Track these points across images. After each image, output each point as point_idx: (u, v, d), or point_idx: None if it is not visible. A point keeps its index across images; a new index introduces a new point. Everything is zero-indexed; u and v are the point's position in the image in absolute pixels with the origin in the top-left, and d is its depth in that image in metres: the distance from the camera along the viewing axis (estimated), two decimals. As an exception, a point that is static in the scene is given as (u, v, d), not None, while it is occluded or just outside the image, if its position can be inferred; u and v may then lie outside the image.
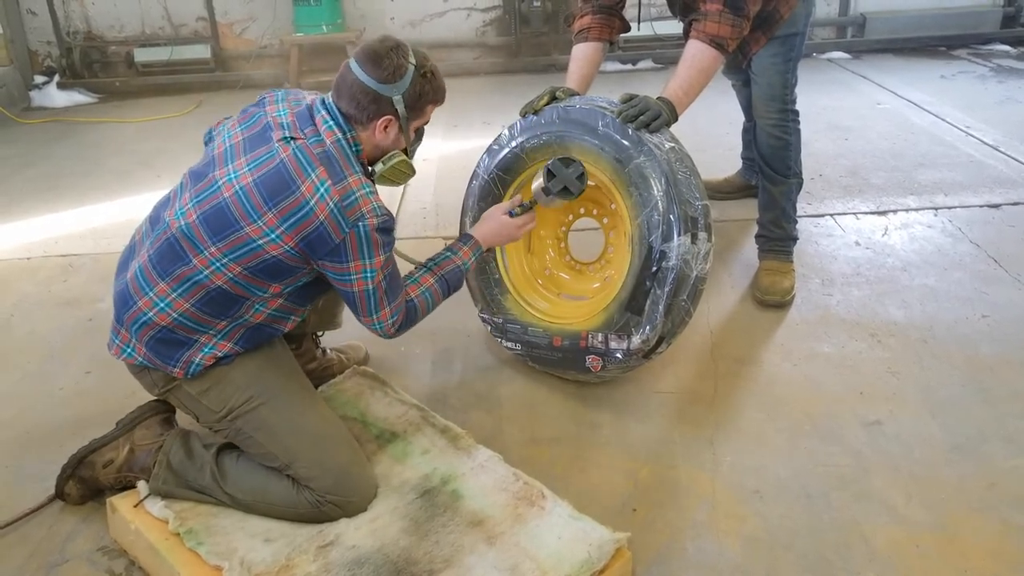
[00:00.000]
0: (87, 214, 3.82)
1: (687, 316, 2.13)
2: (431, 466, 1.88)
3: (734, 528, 1.83)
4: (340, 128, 1.75)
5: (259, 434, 1.78)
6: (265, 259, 1.68)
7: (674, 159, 2.11)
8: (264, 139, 1.72)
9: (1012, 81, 5.41)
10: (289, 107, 1.80)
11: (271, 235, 1.66)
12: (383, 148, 1.82)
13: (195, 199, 1.72)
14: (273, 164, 1.67)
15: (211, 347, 1.77)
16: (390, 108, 1.76)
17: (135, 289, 1.75)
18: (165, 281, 1.72)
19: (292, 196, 1.64)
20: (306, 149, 1.68)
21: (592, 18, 2.52)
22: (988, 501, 1.88)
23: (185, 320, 1.73)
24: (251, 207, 1.66)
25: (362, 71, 1.73)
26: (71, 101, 5.98)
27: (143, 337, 1.75)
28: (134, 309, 1.74)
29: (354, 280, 1.73)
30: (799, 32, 2.59)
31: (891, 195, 3.58)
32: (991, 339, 2.49)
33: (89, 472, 1.91)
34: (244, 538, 1.70)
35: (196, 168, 1.81)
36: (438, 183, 4.00)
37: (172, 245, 1.72)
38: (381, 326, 1.83)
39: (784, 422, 2.17)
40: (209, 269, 1.69)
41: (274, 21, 6.34)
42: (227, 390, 1.79)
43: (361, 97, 1.73)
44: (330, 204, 1.64)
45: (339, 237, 1.66)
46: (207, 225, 1.69)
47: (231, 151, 1.75)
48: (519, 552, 1.63)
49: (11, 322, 2.87)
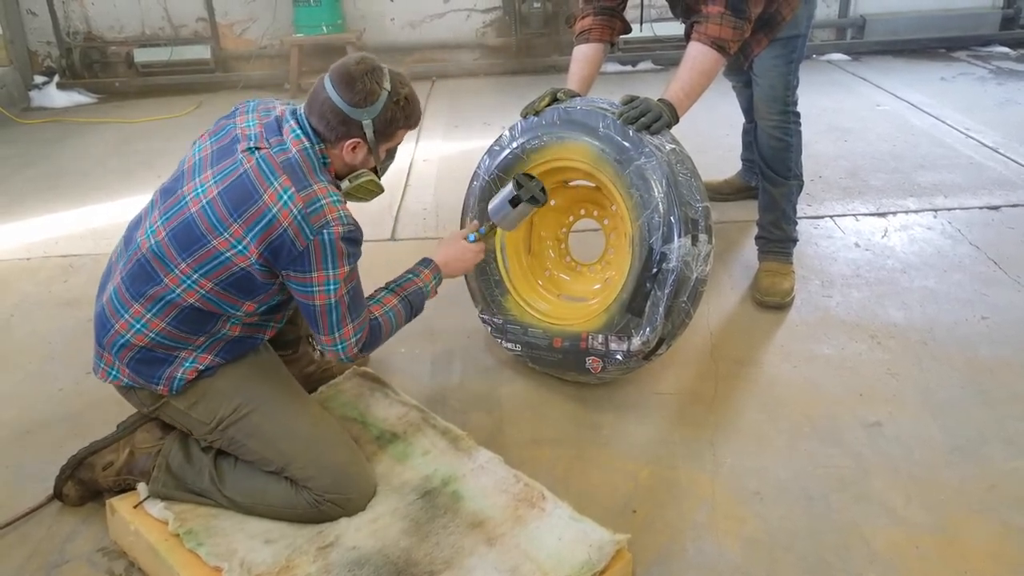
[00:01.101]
0: (87, 214, 3.82)
1: (687, 318, 2.13)
2: (431, 467, 1.88)
3: (734, 529, 1.83)
4: (308, 138, 1.73)
5: (252, 441, 1.77)
6: (234, 272, 1.68)
7: (675, 161, 2.11)
8: (230, 151, 1.72)
9: (1012, 83, 5.41)
10: (258, 117, 1.78)
11: (238, 247, 1.65)
12: (351, 166, 1.80)
13: (163, 216, 1.73)
14: (236, 175, 1.67)
15: (192, 361, 1.76)
16: (359, 131, 1.74)
17: (111, 312, 1.76)
18: (139, 302, 1.72)
19: (255, 205, 1.63)
20: (269, 158, 1.67)
21: (593, 19, 2.52)
22: (988, 503, 1.88)
23: (162, 339, 1.73)
24: (217, 220, 1.66)
25: (335, 91, 1.71)
26: (71, 101, 5.98)
27: (124, 358, 1.76)
28: (112, 332, 1.75)
29: (316, 292, 1.69)
30: (801, 34, 2.60)
31: (891, 197, 3.58)
32: (991, 341, 2.50)
33: (88, 474, 1.90)
34: (244, 539, 1.70)
35: (166, 184, 1.81)
36: (439, 184, 4.00)
37: (143, 266, 1.72)
38: (343, 345, 1.77)
39: (784, 423, 2.17)
40: (181, 287, 1.69)
41: (274, 22, 6.34)
42: (214, 401, 1.78)
43: (331, 117, 1.71)
44: (293, 211, 1.62)
45: (302, 244, 1.63)
46: (176, 241, 1.69)
47: (199, 164, 1.75)
48: (519, 554, 1.63)
49: (11, 322, 2.87)
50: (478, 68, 6.42)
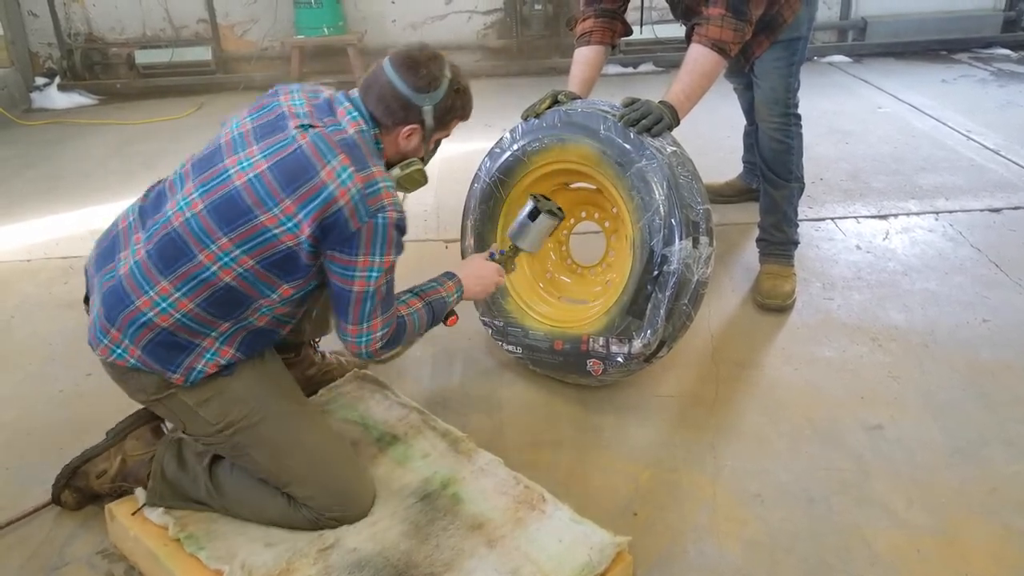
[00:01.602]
0: (88, 216, 3.82)
1: (688, 320, 2.13)
2: (431, 470, 1.88)
3: (735, 532, 1.83)
4: (364, 120, 1.69)
5: (257, 451, 1.71)
6: (280, 251, 1.60)
7: (676, 163, 2.11)
8: (278, 127, 1.65)
9: (1013, 85, 5.41)
10: (306, 98, 1.73)
11: (287, 224, 1.57)
12: (402, 154, 1.78)
13: (201, 189, 1.63)
14: (290, 150, 1.60)
15: (213, 353, 1.66)
16: (417, 117, 1.73)
17: (132, 287, 1.63)
18: (167, 279, 1.61)
19: (312, 181, 1.56)
20: (325, 136, 1.62)
21: (594, 22, 2.52)
22: (989, 505, 1.87)
23: (188, 321, 1.62)
24: (266, 194, 1.58)
25: (397, 76, 1.69)
26: (72, 103, 5.99)
27: (140, 339, 1.63)
28: (131, 309, 1.62)
29: (357, 277, 1.63)
30: (802, 36, 2.60)
31: (892, 199, 3.58)
32: (992, 343, 2.49)
33: (83, 482, 1.88)
34: (245, 542, 1.69)
35: (199, 158, 1.72)
36: (439, 185, 4.00)
37: (174, 240, 1.61)
38: (368, 338, 1.72)
39: (785, 426, 2.17)
40: (217, 264, 1.59)
41: (275, 23, 6.35)
42: (226, 403, 1.69)
43: (391, 101, 1.69)
44: (352, 190, 1.57)
45: (356, 226, 1.58)
46: (216, 215, 1.59)
47: (239, 140, 1.67)
48: (520, 556, 1.62)
49: (12, 324, 2.87)
50: (479, 70, 6.42)
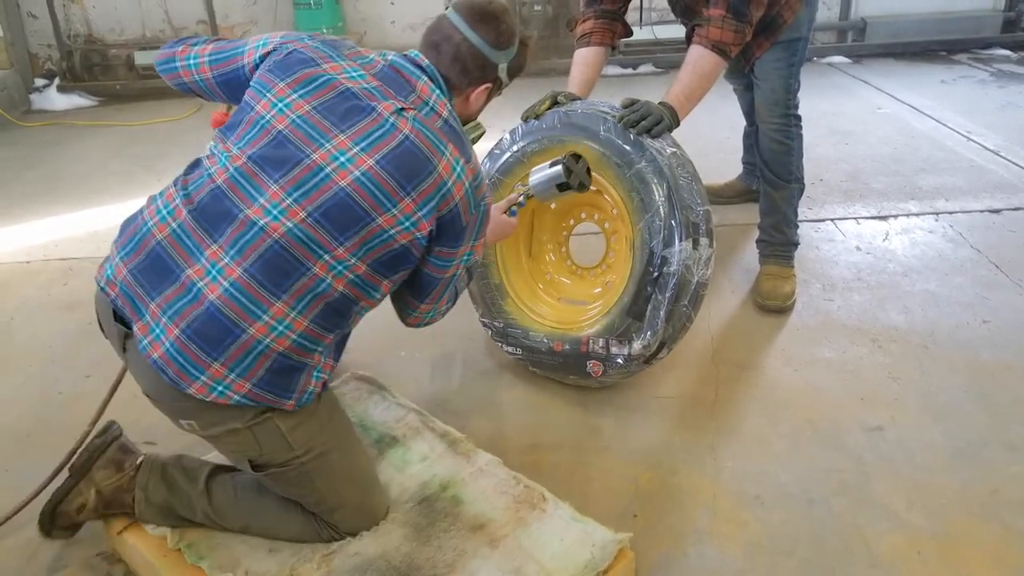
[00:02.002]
0: (87, 217, 3.82)
1: (688, 321, 2.13)
2: (431, 472, 1.87)
3: (735, 533, 1.82)
4: (447, 96, 1.56)
5: (319, 479, 1.60)
6: (394, 250, 1.48)
7: (676, 164, 2.11)
8: (359, 109, 1.47)
9: (1013, 86, 5.41)
10: (357, 65, 1.53)
11: (406, 223, 1.46)
12: (465, 116, 1.66)
13: (296, 192, 1.43)
14: (395, 141, 1.45)
15: (320, 369, 1.54)
16: (493, 76, 1.61)
17: (239, 313, 1.41)
18: (282, 300, 1.43)
19: (430, 177, 1.45)
20: (427, 123, 1.48)
21: (594, 22, 2.52)
22: (990, 507, 1.87)
23: (303, 340, 1.47)
24: (383, 195, 1.43)
25: (474, 33, 1.55)
26: (71, 104, 5.98)
27: (255, 371, 1.44)
28: (244, 338, 1.42)
29: (453, 264, 1.56)
30: (802, 37, 2.60)
31: (892, 200, 3.58)
32: (992, 344, 2.49)
33: (67, 520, 1.75)
34: (247, 550, 1.67)
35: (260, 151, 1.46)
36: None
37: (279, 254, 1.42)
38: (434, 313, 1.65)
39: (785, 427, 2.17)
40: (331, 275, 1.45)
41: (275, 24, 6.35)
42: (315, 428, 1.57)
43: (469, 60, 1.56)
44: (466, 184, 1.49)
45: (467, 219, 1.52)
46: (327, 222, 1.43)
47: (310, 126, 1.46)
48: (522, 555, 1.62)
49: (11, 326, 2.86)
50: (479, 71, 6.42)
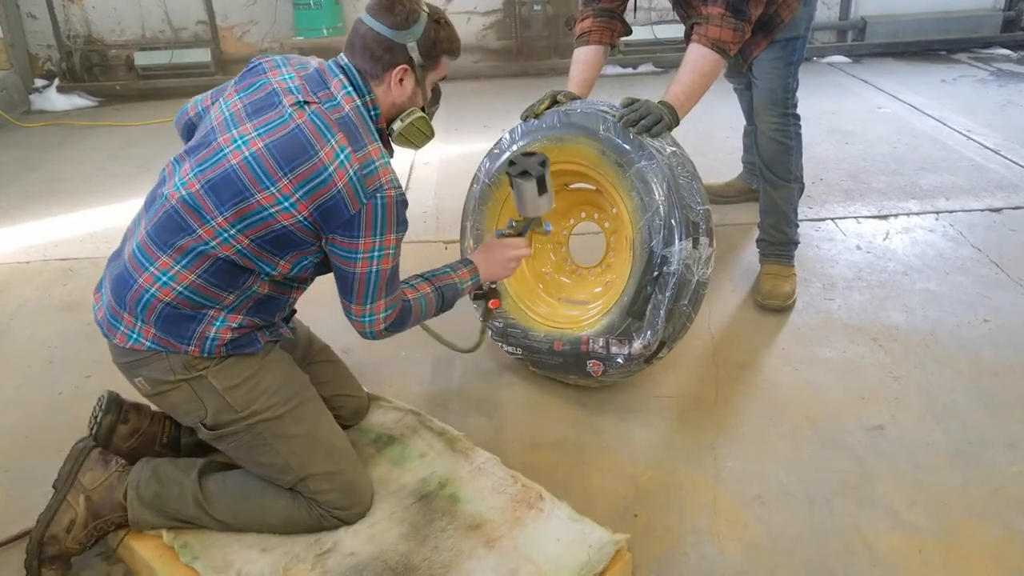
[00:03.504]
0: (87, 218, 3.82)
1: (688, 321, 2.12)
2: (429, 470, 1.87)
3: (736, 534, 1.82)
4: (359, 92, 1.68)
5: (278, 442, 1.69)
6: (275, 229, 1.59)
7: (675, 163, 2.10)
8: (272, 103, 1.63)
9: (1013, 85, 5.41)
10: (295, 71, 1.70)
11: (284, 203, 1.57)
12: (399, 105, 1.74)
13: (197, 168, 1.62)
14: (287, 129, 1.58)
15: (222, 321, 1.66)
16: (404, 56, 1.69)
17: (134, 267, 1.64)
18: (167, 254, 1.61)
19: (310, 161, 1.55)
20: (322, 114, 1.60)
21: (593, 21, 2.52)
22: (991, 507, 1.87)
23: (191, 294, 1.62)
24: (263, 173, 1.56)
25: (375, 20, 1.67)
26: (71, 105, 5.99)
27: (149, 317, 1.63)
28: (135, 288, 1.62)
29: (360, 259, 1.63)
30: (800, 36, 2.59)
31: (892, 199, 3.58)
32: (993, 343, 2.49)
33: (56, 548, 1.70)
34: (240, 549, 1.68)
35: (191, 145, 1.71)
36: (439, 187, 4.00)
37: (172, 216, 1.61)
38: (371, 319, 1.71)
39: (786, 427, 2.16)
40: (216, 240, 1.59)
41: (274, 25, 6.35)
42: (255, 390, 1.69)
43: (374, 47, 1.67)
44: (350, 171, 1.56)
45: (355, 208, 1.58)
46: (213, 193, 1.58)
47: (231, 118, 1.65)
48: (518, 556, 1.62)
49: (11, 326, 2.86)
50: (478, 70, 6.42)
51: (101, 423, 1.84)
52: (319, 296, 2.05)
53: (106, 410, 1.85)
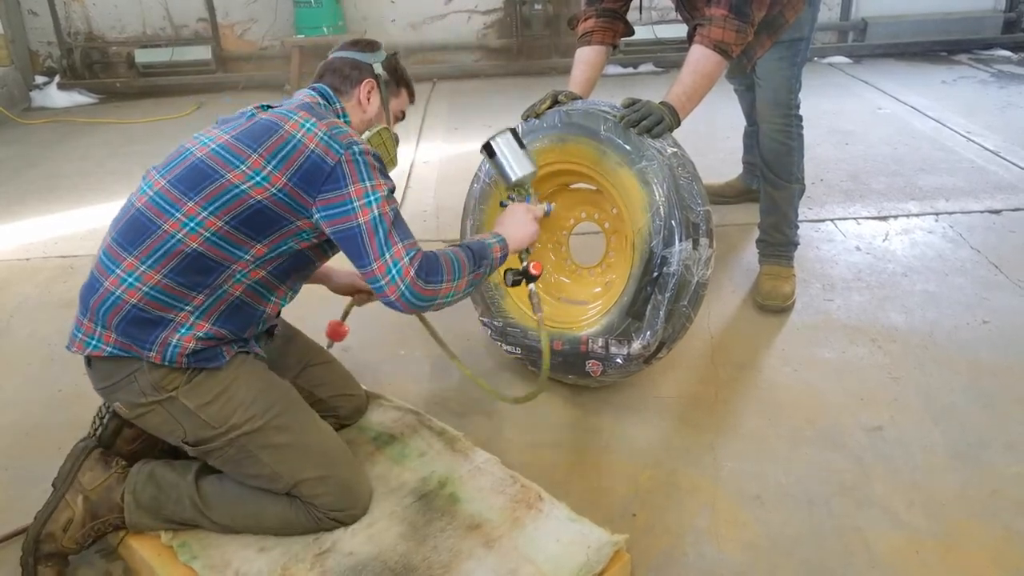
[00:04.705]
0: (87, 215, 3.82)
1: (688, 321, 2.13)
2: (428, 469, 1.87)
3: (735, 534, 1.82)
4: (325, 97, 1.81)
5: (264, 453, 1.67)
6: (250, 205, 1.58)
7: (676, 164, 2.10)
8: (239, 115, 1.76)
9: (1013, 86, 5.41)
10: (282, 104, 1.79)
11: (256, 177, 1.58)
12: (367, 121, 1.86)
13: (164, 169, 1.68)
14: (251, 122, 1.67)
15: (188, 328, 1.61)
16: (371, 72, 1.85)
17: (100, 272, 1.63)
18: (132, 255, 1.60)
19: (276, 134, 1.61)
20: (283, 106, 1.72)
21: (595, 21, 2.52)
22: (990, 508, 1.87)
23: (157, 294, 1.58)
24: (231, 155, 1.61)
25: (341, 51, 1.88)
26: (71, 102, 5.99)
27: (111, 321, 1.59)
28: (100, 292, 1.61)
29: (357, 207, 1.58)
30: (804, 37, 2.59)
31: (892, 200, 3.58)
32: (992, 345, 2.49)
33: (52, 545, 1.69)
34: (239, 548, 1.67)
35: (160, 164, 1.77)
36: (439, 186, 4.00)
37: (137, 219, 1.64)
38: (398, 267, 1.59)
39: (785, 427, 2.17)
40: (183, 231, 1.58)
41: (275, 23, 6.35)
42: (230, 405, 1.65)
43: (342, 66, 1.84)
44: (319, 134, 1.61)
45: (333, 159, 1.59)
46: (181, 184, 1.61)
47: (200, 132, 1.75)
48: (518, 556, 1.62)
49: (11, 324, 2.86)
50: (479, 70, 6.42)
51: (107, 425, 1.82)
52: (315, 298, 2.05)
53: (113, 412, 1.82)
